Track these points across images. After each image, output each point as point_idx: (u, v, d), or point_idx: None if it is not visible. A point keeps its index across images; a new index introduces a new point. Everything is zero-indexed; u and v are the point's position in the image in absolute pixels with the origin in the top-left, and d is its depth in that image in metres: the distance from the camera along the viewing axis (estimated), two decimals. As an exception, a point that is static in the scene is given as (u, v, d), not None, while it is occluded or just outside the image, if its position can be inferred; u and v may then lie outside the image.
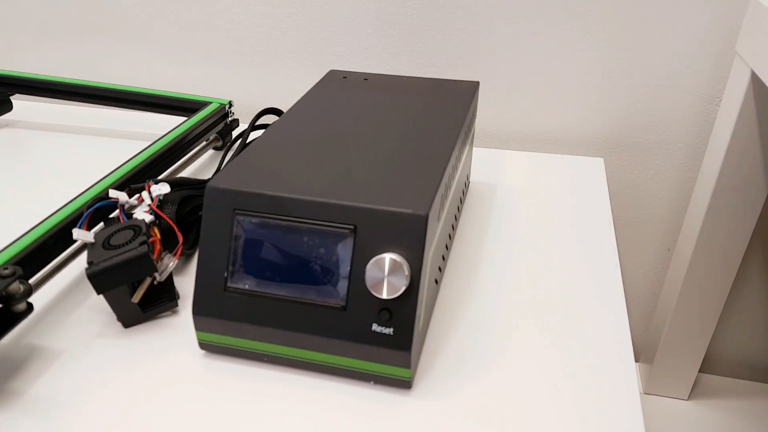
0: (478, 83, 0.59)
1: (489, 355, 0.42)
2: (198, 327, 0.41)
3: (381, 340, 0.38)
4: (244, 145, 0.64)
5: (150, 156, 0.57)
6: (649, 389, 0.81)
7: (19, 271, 0.38)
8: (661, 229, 0.80)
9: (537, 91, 0.75)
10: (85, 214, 0.45)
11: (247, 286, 0.39)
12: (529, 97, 0.75)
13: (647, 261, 0.82)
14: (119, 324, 0.45)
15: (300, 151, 0.44)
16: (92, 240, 0.43)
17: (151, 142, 0.59)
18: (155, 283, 0.44)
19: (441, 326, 0.45)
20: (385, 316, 0.37)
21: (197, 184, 0.54)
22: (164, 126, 0.75)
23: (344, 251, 0.38)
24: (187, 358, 0.42)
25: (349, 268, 0.38)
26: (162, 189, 0.49)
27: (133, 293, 0.43)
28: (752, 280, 0.81)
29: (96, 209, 0.47)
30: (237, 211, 0.39)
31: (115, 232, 0.44)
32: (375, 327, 0.38)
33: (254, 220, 0.39)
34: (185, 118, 0.66)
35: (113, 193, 0.47)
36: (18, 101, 0.81)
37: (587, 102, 0.74)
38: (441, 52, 0.75)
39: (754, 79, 0.61)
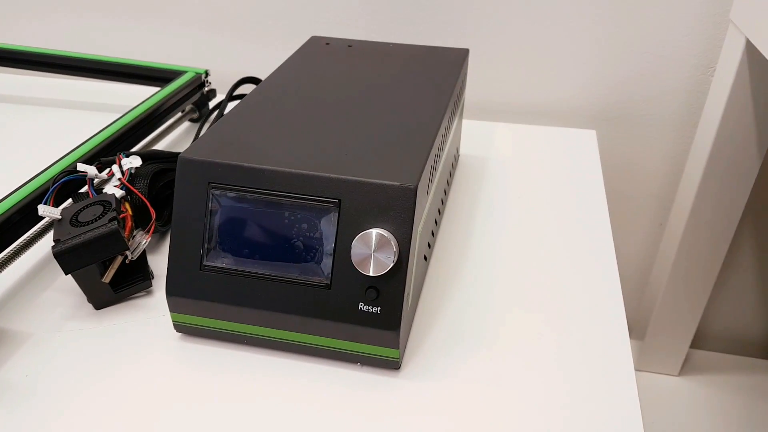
0: (467, 51, 0.56)
1: (480, 334, 0.40)
2: (172, 308, 0.39)
3: (368, 319, 0.36)
4: (221, 116, 0.61)
5: (121, 128, 0.54)
6: (639, 365, 0.80)
7: (-22, 250, 0.35)
8: (654, 204, 0.78)
9: (528, 60, 0.72)
10: (51, 189, 0.42)
11: (224, 265, 0.37)
12: (519, 67, 0.73)
13: (639, 236, 0.81)
14: (90, 305, 0.42)
15: (279, 121, 0.42)
16: (59, 216, 0.41)
17: (122, 114, 0.56)
18: (127, 262, 0.41)
19: (430, 305, 0.43)
20: (372, 295, 0.35)
21: (171, 157, 0.52)
22: (136, 97, 0.71)
23: (328, 227, 0.36)
24: (163, 341, 0.40)
25: (333, 244, 0.36)
26: (133, 162, 0.46)
27: (104, 273, 0.41)
28: (744, 254, 0.80)
29: (63, 184, 0.44)
30: (212, 185, 0.37)
31: (84, 208, 0.41)
32: (361, 306, 0.36)
33: (231, 194, 0.37)
34: (158, 89, 0.63)
35: (81, 167, 0.45)
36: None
37: (579, 72, 0.72)
38: (429, 18, 0.72)
39: (749, 47, 0.59)
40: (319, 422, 0.35)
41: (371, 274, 0.34)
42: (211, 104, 0.70)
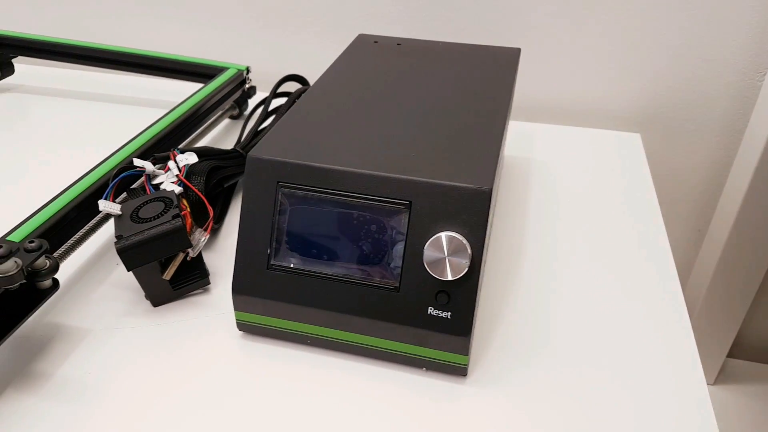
0: (519, 50, 0.55)
1: (540, 342, 0.40)
2: (237, 306, 0.38)
3: (437, 324, 0.35)
4: (266, 114, 0.61)
5: (170, 124, 0.53)
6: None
7: (46, 244, 0.35)
8: (693, 210, 0.77)
9: (570, 60, 0.71)
10: (111, 185, 0.42)
11: (291, 264, 0.37)
12: (561, 67, 0.72)
13: (676, 241, 0.80)
14: (146, 302, 0.42)
15: (341, 120, 0.41)
16: (119, 212, 0.40)
17: (167, 110, 0.56)
18: (188, 259, 0.41)
19: (488, 310, 0.42)
20: (443, 299, 0.35)
21: (222, 154, 0.51)
22: (172, 92, 0.71)
23: (398, 228, 0.35)
24: (224, 339, 0.39)
25: (402, 246, 0.35)
26: (189, 159, 0.46)
27: (164, 270, 0.40)
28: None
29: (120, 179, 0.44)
30: (281, 184, 0.36)
31: (144, 204, 0.41)
32: (431, 310, 0.35)
33: (300, 193, 0.36)
34: (201, 85, 0.63)
35: (138, 163, 0.44)
36: (20, 64, 0.76)
37: (622, 74, 0.71)
38: (469, 16, 0.71)
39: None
40: (384, 428, 0.34)
41: (449, 278, 0.34)
42: (251, 101, 0.70)
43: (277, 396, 0.36)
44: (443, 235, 0.34)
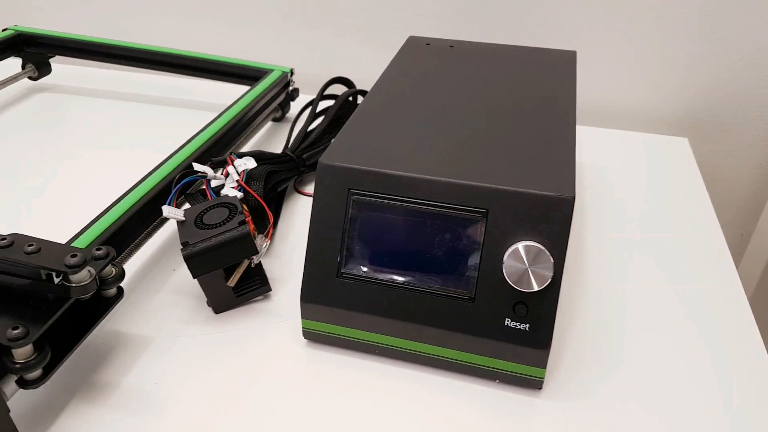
0: (575, 53, 0.54)
1: (612, 354, 0.39)
2: (305, 315, 0.37)
3: (515, 335, 0.34)
4: (314, 116, 0.60)
5: (223, 127, 0.53)
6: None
7: (113, 252, 0.34)
8: (737, 214, 0.76)
9: (615, 63, 0.70)
10: (174, 190, 0.41)
11: (362, 273, 0.36)
12: (607, 69, 0.71)
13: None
14: (206, 309, 0.41)
15: (407, 125, 0.40)
16: (183, 218, 0.40)
17: (208, 111, 0.55)
18: (252, 265, 0.40)
19: (558, 319, 0.41)
20: (521, 311, 0.34)
21: (275, 158, 0.51)
22: (210, 93, 0.71)
23: (473, 237, 0.34)
24: (289, 347, 0.39)
25: (478, 256, 0.34)
26: (248, 163, 0.45)
27: (228, 277, 0.40)
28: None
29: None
30: (352, 191, 0.36)
31: (207, 210, 0.40)
32: (508, 321, 0.34)
33: (372, 201, 0.35)
34: (243, 87, 0.62)
35: (199, 168, 0.44)
36: (56, 64, 0.76)
37: (669, 78, 0.70)
38: (514, 18, 0.70)
39: None
40: (464, 441, 0.33)
41: (531, 289, 0.33)
42: (293, 104, 0.69)
43: (345, 405, 0.35)
44: (525, 245, 0.33)
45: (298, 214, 0.52)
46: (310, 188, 0.55)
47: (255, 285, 0.42)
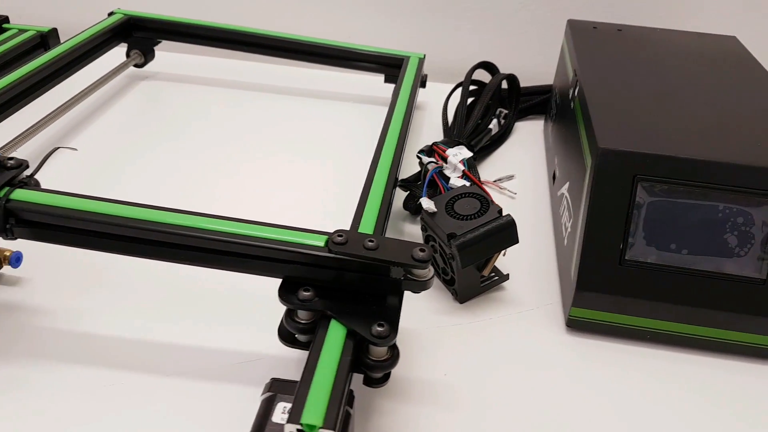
0: (735, 38, 0.55)
1: None
2: (578, 303, 0.37)
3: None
4: (465, 102, 0.59)
5: (404, 120, 0.51)
6: None
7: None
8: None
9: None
10: (426, 181, 0.40)
11: (648, 260, 0.36)
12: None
13: None
14: (448, 298, 0.41)
15: (660, 108, 0.40)
16: (435, 209, 0.39)
17: (340, 101, 0.55)
18: (503, 255, 0.40)
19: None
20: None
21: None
22: (341, 83, 0.69)
23: (765, 219, 0.35)
24: (551, 335, 0.38)
25: (769, 238, 0.35)
26: (463, 153, 0.44)
27: (481, 266, 0.39)
28: None
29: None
30: (639, 177, 0.35)
31: (454, 200, 0.40)
32: (803, 302, 0.35)
33: (660, 186, 0.35)
34: (377, 75, 0.61)
35: (425, 159, 0.43)
36: (161, 51, 0.72)
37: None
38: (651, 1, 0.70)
39: None
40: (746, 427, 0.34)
41: None
42: (422, 91, 0.68)
43: (621, 392, 0.35)
44: (834, 227, 0.33)
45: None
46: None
47: (497, 274, 0.41)
